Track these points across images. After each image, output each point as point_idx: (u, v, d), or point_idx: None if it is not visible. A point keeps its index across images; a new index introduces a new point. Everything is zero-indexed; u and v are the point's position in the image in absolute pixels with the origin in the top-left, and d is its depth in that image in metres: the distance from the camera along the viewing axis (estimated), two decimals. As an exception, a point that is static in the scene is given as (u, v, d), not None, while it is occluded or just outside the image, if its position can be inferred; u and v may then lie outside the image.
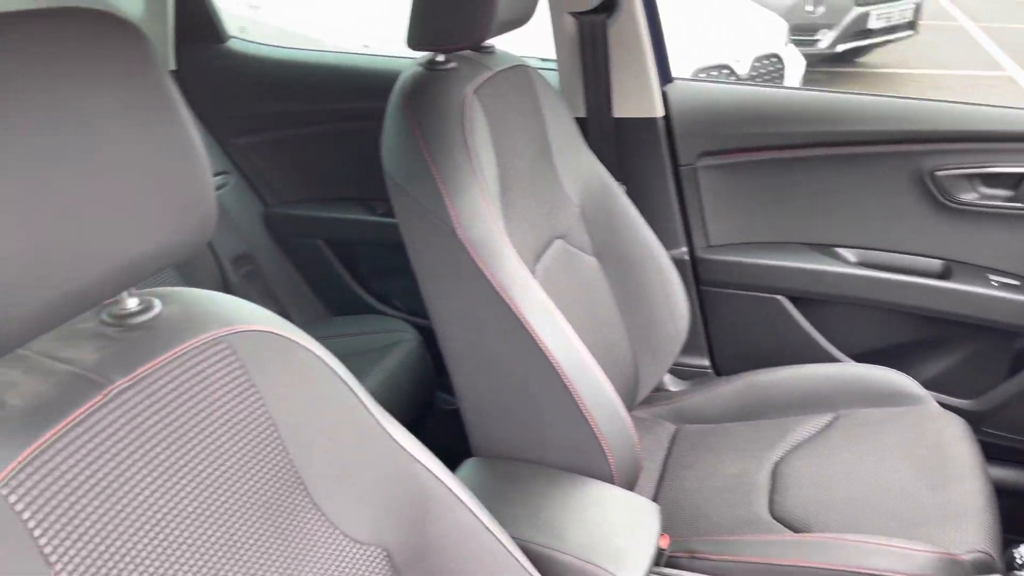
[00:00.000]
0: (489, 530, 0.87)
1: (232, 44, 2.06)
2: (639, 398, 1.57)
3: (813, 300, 1.69)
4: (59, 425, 0.58)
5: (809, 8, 6.19)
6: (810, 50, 6.00)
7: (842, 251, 1.69)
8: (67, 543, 0.55)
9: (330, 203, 2.05)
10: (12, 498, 0.53)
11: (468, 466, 1.18)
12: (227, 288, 1.89)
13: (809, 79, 5.22)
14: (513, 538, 0.89)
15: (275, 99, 2.02)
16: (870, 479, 1.28)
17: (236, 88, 2.03)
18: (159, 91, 0.59)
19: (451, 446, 1.19)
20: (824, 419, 1.48)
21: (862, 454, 1.35)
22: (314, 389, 0.79)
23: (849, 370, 1.53)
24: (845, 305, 1.68)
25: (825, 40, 6.21)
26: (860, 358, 1.68)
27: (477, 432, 1.21)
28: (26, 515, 0.54)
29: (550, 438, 1.16)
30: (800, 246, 1.71)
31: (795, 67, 4.79)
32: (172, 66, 2.01)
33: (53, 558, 0.55)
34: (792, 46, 4.90)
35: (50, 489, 0.55)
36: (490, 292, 1.10)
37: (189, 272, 1.77)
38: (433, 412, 1.94)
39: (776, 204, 1.70)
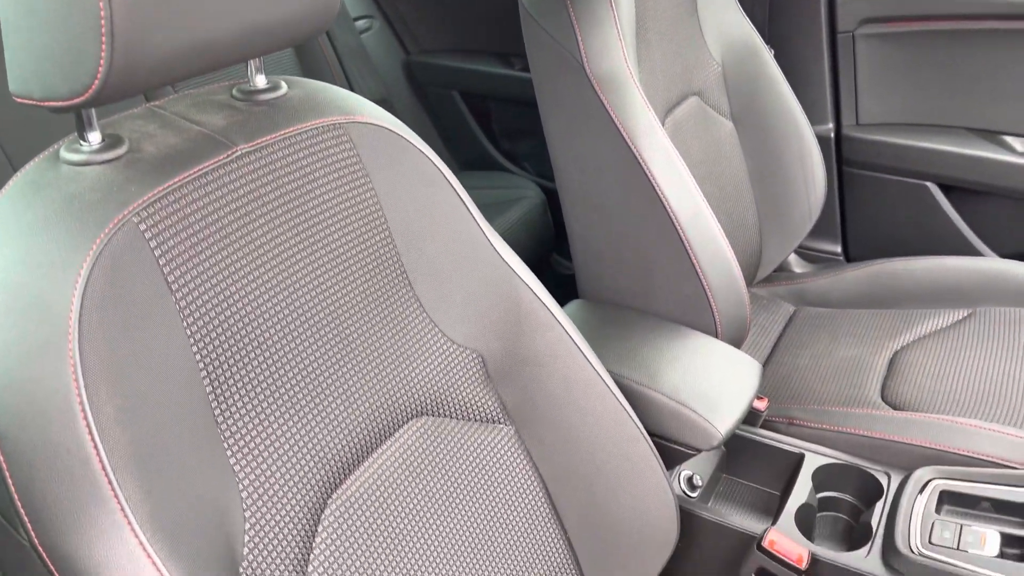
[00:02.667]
0: (583, 354, 0.88)
1: None
2: (760, 276, 1.53)
3: (967, 191, 1.56)
4: (187, 172, 0.62)
5: None
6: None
7: (1009, 139, 1.53)
8: (186, 276, 0.61)
9: (470, 55, 2.05)
10: (142, 227, 0.59)
11: (572, 305, 1.19)
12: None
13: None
14: (608, 371, 0.90)
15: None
16: (997, 374, 1.21)
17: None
18: None
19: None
20: (959, 314, 1.39)
21: (994, 351, 1.27)
22: (425, 190, 0.82)
23: (994, 265, 1.42)
24: (1003, 199, 1.54)
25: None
26: (1010, 259, 1.55)
27: (585, 276, 1.22)
28: (153, 243, 0.59)
29: (658, 288, 1.15)
30: (961, 130, 1.56)
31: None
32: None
33: (175, 286, 0.60)
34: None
35: (175, 227, 0.61)
36: (612, 132, 1.08)
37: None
38: (549, 274, 1.97)
39: (940, 81, 1.56)
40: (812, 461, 1.07)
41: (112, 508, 0.52)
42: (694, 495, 1.06)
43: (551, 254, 1.95)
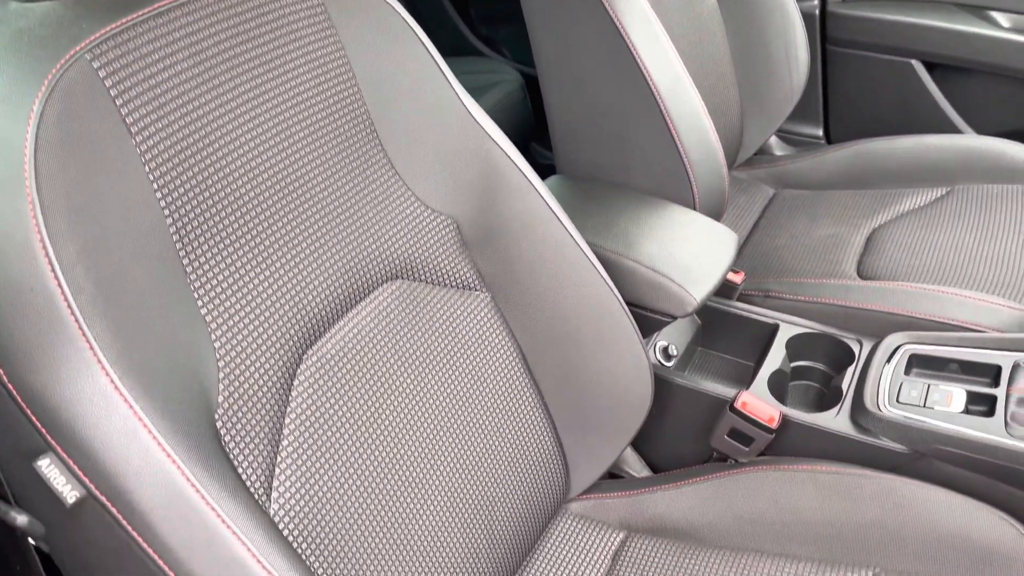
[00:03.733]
0: (560, 221, 0.88)
1: None
2: (740, 159, 1.51)
3: (950, 68, 1.54)
4: (141, 11, 0.60)
5: None
6: None
7: (995, 14, 1.50)
8: (146, 120, 0.59)
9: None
10: (96, 64, 0.57)
11: (551, 180, 1.18)
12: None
13: None
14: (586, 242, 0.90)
15: None
16: (970, 248, 1.22)
17: None
18: None
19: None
20: (937, 192, 1.39)
21: (969, 226, 1.27)
22: (395, 46, 0.79)
23: (974, 142, 1.41)
24: (986, 76, 1.52)
25: None
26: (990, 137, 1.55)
27: (564, 152, 1.20)
28: (108, 82, 0.57)
29: (636, 162, 1.14)
30: (948, 5, 1.53)
31: None
32: None
33: (134, 128, 0.58)
34: None
35: (131, 66, 0.58)
36: (592, 1, 1.05)
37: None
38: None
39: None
40: (786, 331, 1.09)
41: (81, 347, 0.51)
42: (669, 364, 1.08)
43: (530, 143, 1.92)
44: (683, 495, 0.98)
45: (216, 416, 0.61)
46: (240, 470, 0.62)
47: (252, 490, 0.62)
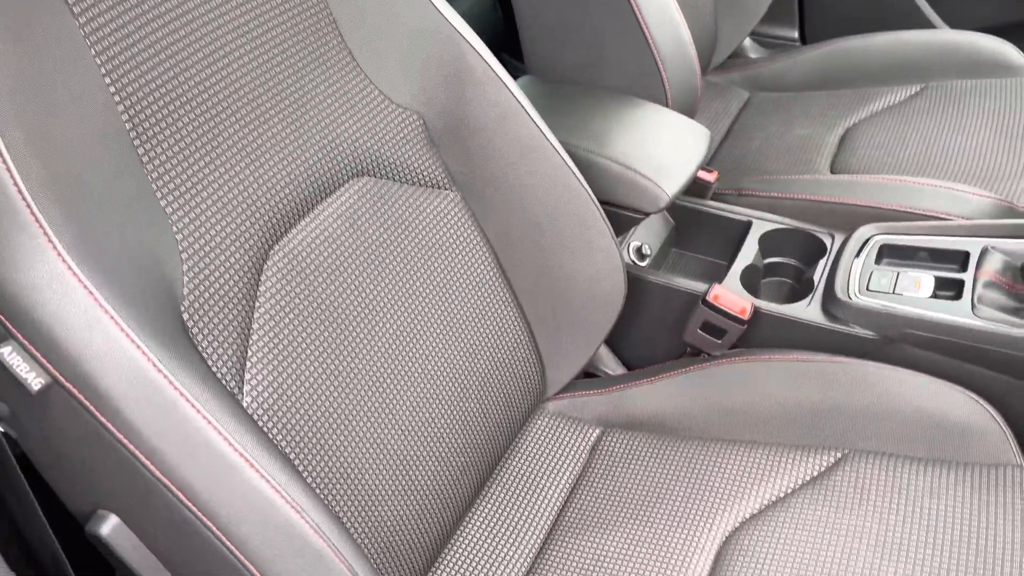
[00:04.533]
0: (531, 118, 0.86)
1: None
2: (715, 62, 1.49)
3: (927, -38, 1.51)
4: None
5: None
6: None
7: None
8: (87, 1, 0.57)
9: None
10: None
11: (521, 81, 1.16)
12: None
13: None
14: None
15: None
16: (942, 141, 1.21)
17: None
18: None
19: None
20: (911, 89, 1.38)
21: (941, 122, 1.27)
22: None
23: (947, 37, 1.40)
24: (963, -30, 1.50)
25: None
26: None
27: (534, 52, 1.18)
28: None
29: (608, 61, 1.12)
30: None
31: None
32: None
33: (76, 10, 0.56)
34: None
35: None
36: None
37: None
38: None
39: None
40: (759, 227, 1.09)
41: (34, 232, 0.50)
42: (643, 264, 1.08)
43: (501, 52, 1.88)
44: (657, 390, 0.99)
45: (183, 308, 0.61)
46: (210, 363, 0.62)
47: (224, 383, 0.62)
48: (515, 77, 1.11)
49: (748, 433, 0.92)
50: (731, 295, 0.96)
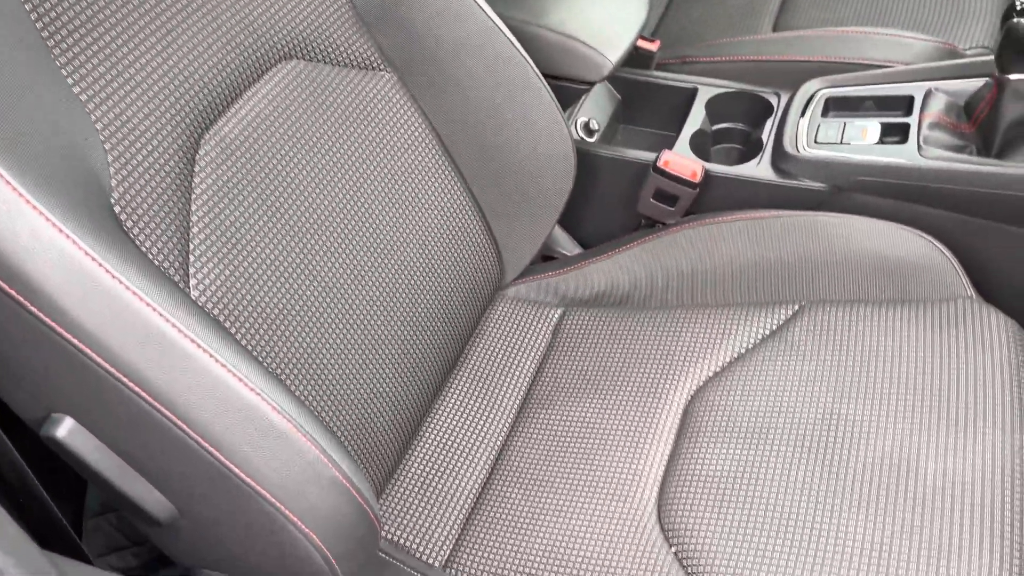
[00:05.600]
0: None
1: None
2: None
3: None
4: None
5: None
6: None
7: None
8: None
9: None
10: None
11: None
12: None
13: None
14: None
15: None
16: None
17: None
18: None
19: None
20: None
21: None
22: None
23: None
24: None
25: None
26: None
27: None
28: None
29: None
30: None
31: None
32: None
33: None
34: None
35: None
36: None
37: None
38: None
39: None
40: (705, 93, 1.07)
41: None
42: (592, 140, 1.06)
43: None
44: (616, 264, 0.99)
45: (113, 201, 0.58)
46: (151, 256, 0.60)
47: (168, 276, 0.60)
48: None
49: (707, 296, 0.92)
50: (681, 159, 0.95)
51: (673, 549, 0.72)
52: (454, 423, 0.89)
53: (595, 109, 1.08)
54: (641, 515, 0.75)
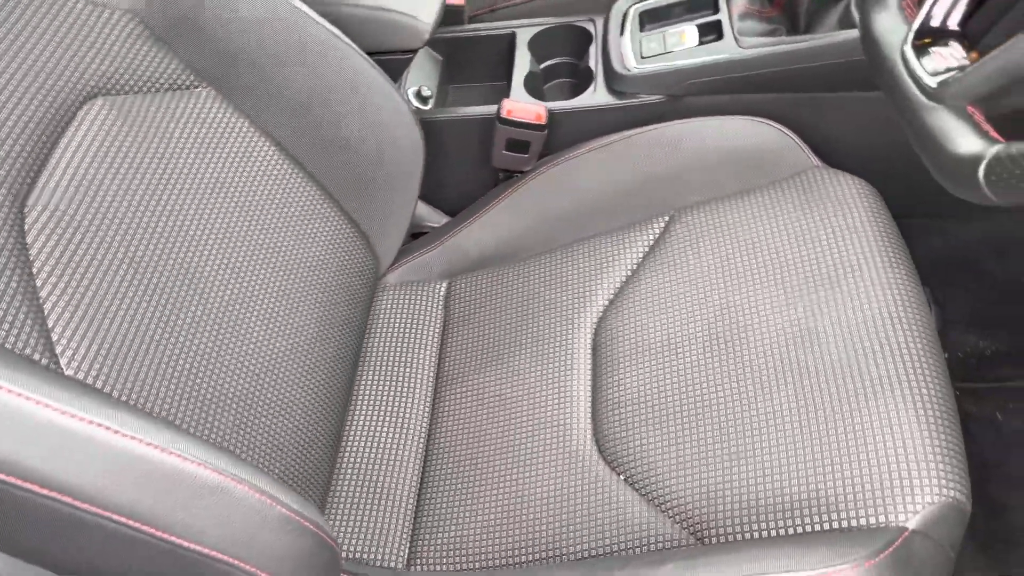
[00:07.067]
0: None
1: None
2: None
3: None
4: None
5: None
6: None
7: None
8: None
9: None
10: None
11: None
12: None
13: None
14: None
15: None
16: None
17: None
18: None
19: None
20: None
21: None
22: None
23: None
24: None
25: None
26: None
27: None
28: None
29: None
30: None
31: None
32: None
33: None
34: None
35: None
36: None
37: None
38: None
39: None
40: (524, 35, 1.07)
41: None
42: (427, 107, 1.05)
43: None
44: (487, 223, 0.98)
45: None
46: (10, 346, 0.54)
47: (33, 359, 0.54)
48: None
49: (582, 230, 0.94)
50: (523, 105, 0.95)
51: (621, 476, 0.74)
52: (374, 423, 0.86)
53: (422, 76, 1.06)
54: (582, 453, 0.76)
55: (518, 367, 0.84)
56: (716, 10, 0.97)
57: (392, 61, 0.94)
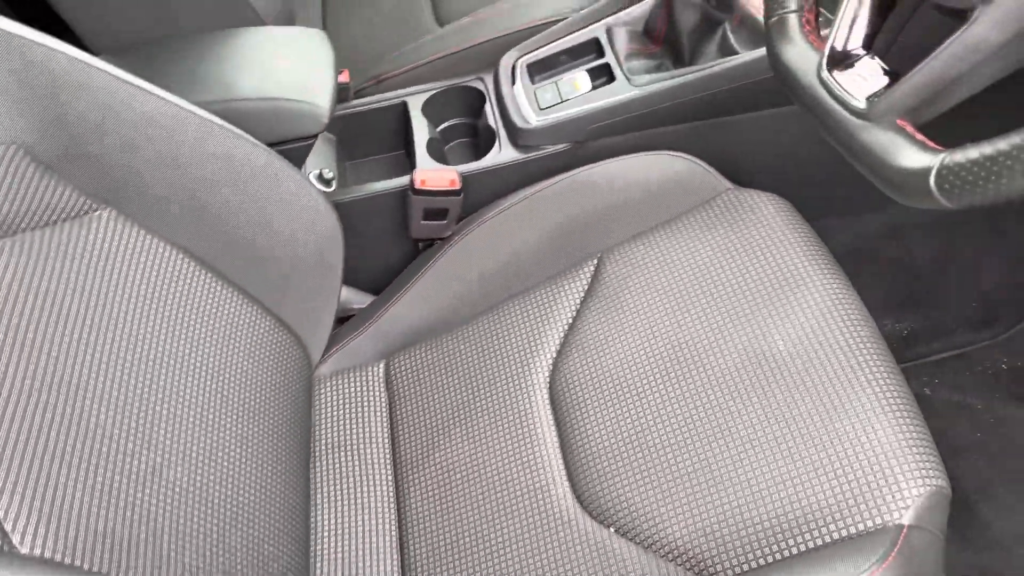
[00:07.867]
0: (145, 91, 0.73)
1: None
2: None
3: None
4: None
5: None
6: None
7: None
8: None
9: None
10: None
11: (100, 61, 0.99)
12: None
13: None
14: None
15: None
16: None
17: None
18: None
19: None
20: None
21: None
22: None
23: None
24: None
25: None
26: None
27: (91, 32, 1.00)
28: None
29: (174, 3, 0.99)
30: None
31: None
32: None
33: None
34: None
35: None
36: None
37: None
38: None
39: None
40: (415, 101, 1.07)
41: None
42: (331, 188, 1.02)
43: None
44: (415, 297, 0.96)
45: None
46: None
47: None
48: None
49: (513, 287, 0.93)
50: (435, 173, 0.94)
51: (611, 528, 0.73)
52: (341, 520, 0.82)
53: (320, 159, 1.04)
54: (566, 514, 0.74)
55: (478, 436, 0.82)
56: (601, 54, 1.00)
57: (293, 149, 0.91)
